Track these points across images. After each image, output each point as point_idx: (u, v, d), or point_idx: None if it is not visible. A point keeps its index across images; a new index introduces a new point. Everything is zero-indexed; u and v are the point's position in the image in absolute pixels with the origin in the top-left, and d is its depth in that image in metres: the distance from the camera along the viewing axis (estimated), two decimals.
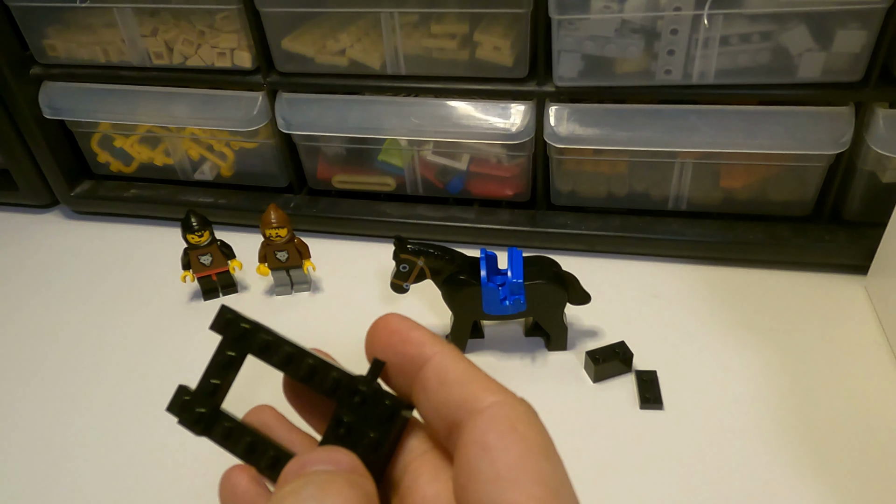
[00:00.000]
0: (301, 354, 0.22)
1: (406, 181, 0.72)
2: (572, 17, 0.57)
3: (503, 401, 0.20)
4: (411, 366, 0.22)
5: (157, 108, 0.71)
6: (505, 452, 0.18)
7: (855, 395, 0.52)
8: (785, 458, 0.48)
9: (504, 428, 0.19)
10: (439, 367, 0.21)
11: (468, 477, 0.19)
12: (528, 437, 0.19)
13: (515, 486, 0.18)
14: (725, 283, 0.64)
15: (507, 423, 0.19)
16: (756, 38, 0.56)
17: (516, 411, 0.20)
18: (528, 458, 0.18)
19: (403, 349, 0.22)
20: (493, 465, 0.18)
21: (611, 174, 0.67)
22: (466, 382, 0.21)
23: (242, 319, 0.23)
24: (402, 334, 0.22)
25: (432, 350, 0.22)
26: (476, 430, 0.19)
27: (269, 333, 0.23)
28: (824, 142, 0.59)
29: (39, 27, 0.70)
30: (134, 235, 0.77)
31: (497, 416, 0.19)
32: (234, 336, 0.23)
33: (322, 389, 0.22)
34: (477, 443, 0.19)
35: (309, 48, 0.65)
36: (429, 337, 0.22)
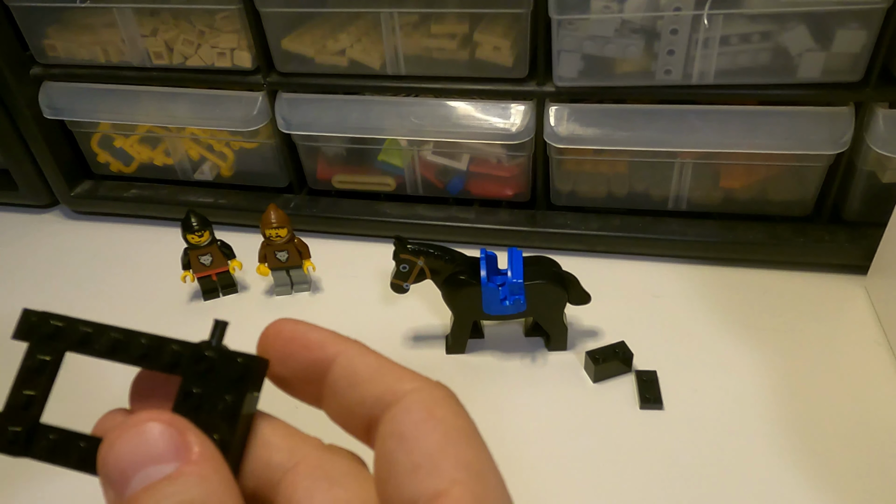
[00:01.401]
0: (130, 336, 0.20)
1: (406, 181, 0.72)
2: (572, 17, 0.57)
3: (419, 388, 0.19)
4: (316, 372, 0.20)
5: (157, 108, 0.71)
6: (422, 440, 0.18)
7: (855, 394, 0.52)
8: (785, 458, 0.48)
9: (420, 416, 0.18)
10: (346, 367, 0.20)
11: (387, 471, 0.18)
12: (446, 422, 0.18)
13: (436, 472, 0.17)
14: (725, 283, 0.64)
15: (423, 411, 0.18)
16: (756, 38, 0.56)
17: (433, 396, 0.19)
18: (448, 443, 0.18)
19: (304, 355, 0.20)
20: (410, 455, 0.17)
21: (611, 174, 0.67)
22: (378, 377, 0.19)
23: (52, 317, 0.20)
24: (299, 340, 0.21)
25: (335, 349, 0.20)
26: (391, 422, 0.18)
27: (88, 325, 0.20)
28: (824, 142, 0.59)
29: (39, 27, 0.70)
30: (134, 235, 0.77)
31: (412, 405, 0.18)
32: (44, 336, 0.20)
33: (162, 366, 0.19)
34: (393, 434, 0.18)
35: (309, 48, 0.65)
36: (329, 336, 0.21)
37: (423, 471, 0.17)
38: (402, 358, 0.63)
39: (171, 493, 0.17)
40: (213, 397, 0.19)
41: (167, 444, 0.18)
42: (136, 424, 0.18)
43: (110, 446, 0.18)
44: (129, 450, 0.18)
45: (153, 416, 0.18)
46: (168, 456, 0.18)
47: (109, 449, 0.18)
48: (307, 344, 0.21)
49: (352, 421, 0.20)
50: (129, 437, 0.18)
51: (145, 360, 0.20)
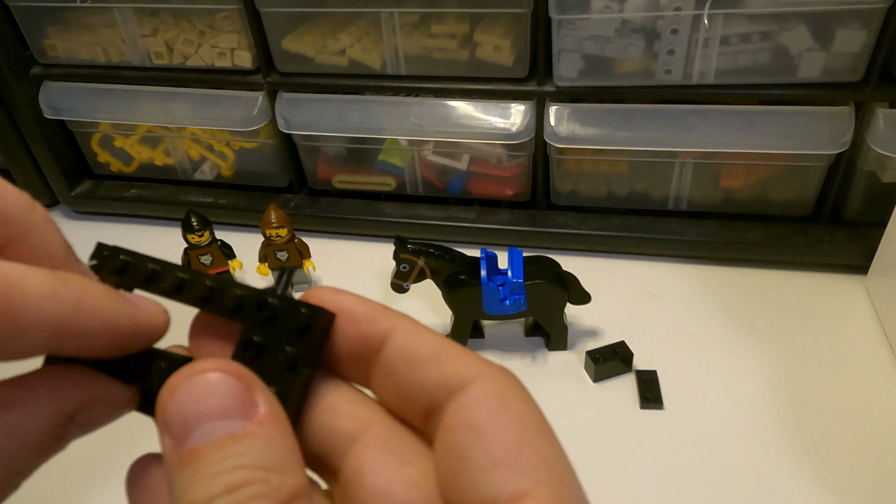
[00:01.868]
0: (195, 277, 0.19)
1: (406, 181, 0.72)
2: (572, 17, 0.57)
3: (487, 374, 0.17)
4: (367, 349, 0.18)
5: (157, 108, 0.71)
6: (500, 434, 0.16)
7: (855, 394, 0.52)
8: (785, 458, 0.48)
9: (495, 406, 0.17)
10: (404, 345, 0.18)
11: (459, 465, 0.16)
12: (522, 414, 0.17)
13: (518, 471, 0.16)
14: (725, 283, 0.64)
15: (497, 401, 0.17)
16: (756, 38, 0.56)
17: (505, 384, 0.17)
18: (527, 438, 0.16)
19: (353, 331, 0.19)
20: (487, 450, 0.16)
21: (611, 174, 0.67)
22: (440, 359, 0.18)
23: (123, 252, 0.20)
24: (346, 313, 0.19)
25: (388, 324, 0.18)
26: (462, 412, 0.17)
27: (156, 262, 0.20)
28: (824, 142, 0.59)
29: (40, 27, 0.70)
30: (134, 235, 0.77)
31: (484, 393, 0.17)
32: (113, 270, 0.20)
33: (224, 309, 0.19)
34: (465, 426, 0.17)
35: (309, 48, 0.65)
36: (378, 309, 0.19)
37: (504, 468, 0.16)
38: None
39: (236, 454, 0.16)
40: (275, 348, 0.18)
41: (234, 398, 0.17)
42: (202, 372, 0.17)
43: (172, 392, 0.17)
44: (192, 399, 0.17)
45: (220, 366, 0.17)
46: (234, 412, 0.16)
47: (171, 394, 0.17)
48: (356, 317, 0.19)
49: (408, 404, 0.18)
50: (194, 385, 0.17)
51: (208, 302, 0.19)
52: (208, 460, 0.16)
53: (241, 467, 0.16)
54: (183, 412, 0.16)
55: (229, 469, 0.16)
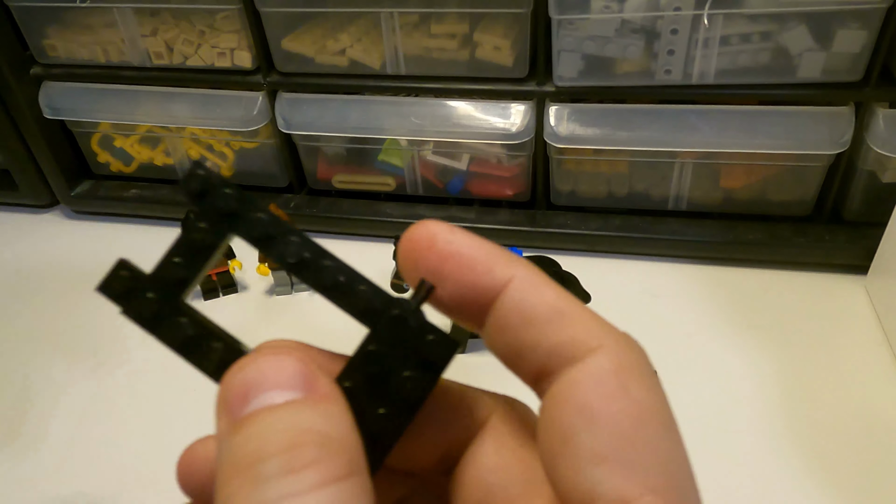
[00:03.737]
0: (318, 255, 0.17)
1: (406, 181, 0.72)
2: (572, 17, 0.57)
3: (610, 347, 0.15)
4: (481, 298, 0.17)
5: (157, 108, 0.71)
6: (612, 423, 0.14)
7: (855, 394, 0.52)
8: (785, 458, 0.48)
9: (612, 388, 0.15)
10: (520, 301, 0.16)
11: (562, 449, 0.15)
12: (642, 403, 0.15)
13: (627, 472, 0.14)
14: (725, 283, 0.64)
15: (615, 381, 0.15)
16: (756, 38, 0.56)
17: (628, 362, 0.15)
18: (643, 432, 0.14)
19: (467, 278, 0.17)
20: (596, 439, 0.14)
21: (611, 174, 0.67)
22: (559, 321, 0.16)
23: (227, 185, 0.17)
24: (459, 258, 0.17)
25: (506, 274, 0.16)
26: (575, 389, 0.15)
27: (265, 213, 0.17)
28: (824, 142, 0.59)
29: (39, 27, 0.70)
30: (134, 235, 0.77)
31: (602, 371, 0.15)
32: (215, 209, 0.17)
33: (352, 306, 0.17)
34: (576, 405, 0.15)
35: (309, 48, 0.65)
36: (496, 255, 0.17)
37: (611, 464, 0.14)
38: None
39: (294, 414, 0.15)
40: (397, 372, 0.16)
41: (296, 374, 0.15)
42: (269, 352, 0.16)
43: (237, 370, 0.16)
44: (254, 374, 0.15)
45: (284, 349, 0.16)
46: (295, 384, 0.15)
47: (236, 373, 0.16)
48: (470, 264, 0.17)
49: (519, 363, 0.17)
50: (259, 362, 0.16)
51: (335, 290, 0.17)
52: (264, 421, 0.15)
53: (300, 429, 0.14)
54: (244, 386, 0.15)
55: (287, 428, 0.14)
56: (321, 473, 0.14)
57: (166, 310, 0.17)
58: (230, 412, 0.15)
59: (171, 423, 0.54)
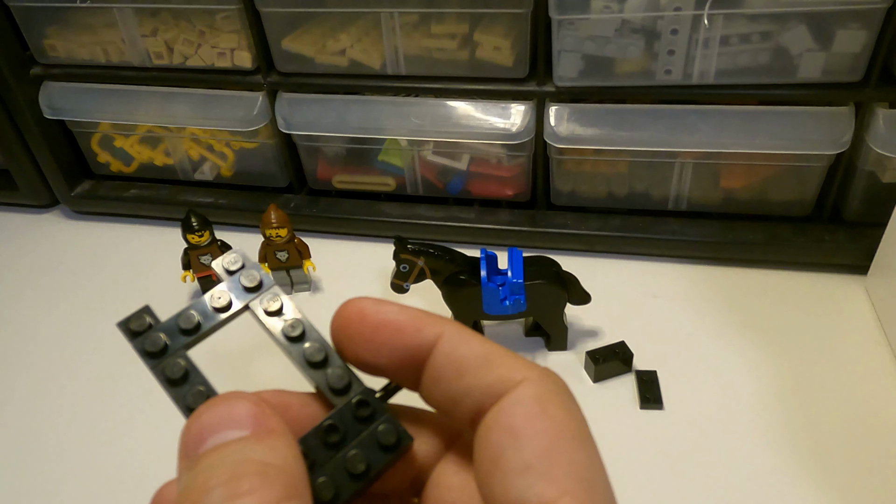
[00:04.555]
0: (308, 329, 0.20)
1: (406, 181, 0.72)
2: (572, 17, 0.57)
3: (533, 379, 0.18)
4: (414, 358, 0.19)
5: (157, 108, 0.71)
6: (534, 439, 0.16)
7: (855, 394, 0.52)
8: (785, 458, 0.48)
9: (533, 410, 0.17)
10: (450, 354, 0.18)
11: (493, 465, 0.17)
12: (560, 421, 0.17)
13: (547, 478, 0.16)
14: (725, 283, 0.64)
15: (536, 405, 0.17)
16: (756, 38, 0.56)
17: (547, 390, 0.17)
18: (561, 445, 0.16)
19: (399, 342, 0.19)
20: (520, 454, 0.16)
21: (611, 174, 0.67)
22: (487, 366, 0.18)
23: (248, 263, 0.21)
24: (390, 325, 0.19)
25: (434, 332, 0.18)
26: (501, 414, 0.17)
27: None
28: (824, 142, 0.59)
29: (39, 27, 0.70)
30: (134, 235, 0.77)
31: (525, 397, 0.17)
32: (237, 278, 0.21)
33: (328, 385, 0.19)
34: (503, 427, 0.17)
35: (309, 48, 0.65)
36: (422, 317, 0.19)
37: (534, 473, 0.16)
38: None
39: (238, 450, 0.16)
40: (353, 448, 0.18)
41: (246, 415, 0.17)
42: (225, 398, 0.18)
43: (195, 416, 0.17)
44: (208, 417, 0.17)
45: (243, 396, 0.18)
46: (244, 423, 0.17)
47: (194, 419, 0.17)
48: (400, 328, 0.19)
49: (456, 409, 0.18)
50: (213, 406, 0.17)
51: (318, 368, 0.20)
52: (212, 457, 0.16)
53: (242, 461, 0.16)
54: (199, 429, 0.17)
55: (231, 461, 0.16)
56: (260, 499, 0.15)
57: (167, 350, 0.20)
58: (187, 454, 0.17)
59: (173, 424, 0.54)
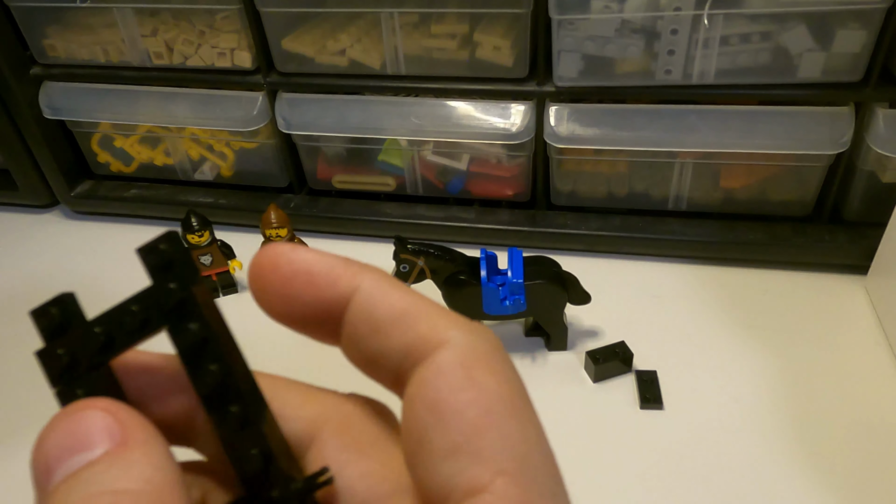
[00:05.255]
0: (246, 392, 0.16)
1: (406, 181, 0.72)
2: (572, 17, 0.57)
3: (457, 340, 0.15)
4: (330, 313, 0.16)
5: (157, 108, 0.71)
6: (460, 414, 0.14)
7: (855, 394, 0.52)
8: (785, 458, 0.48)
9: (457, 380, 0.15)
10: (367, 308, 0.16)
11: (418, 445, 0.15)
12: (490, 389, 0.15)
13: (477, 459, 0.14)
14: (725, 283, 0.64)
15: (461, 374, 0.15)
16: (756, 38, 0.56)
17: (474, 351, 0.15)
18: (491, 419, 0.14)
19: (313, 294, 0.16)
20: (446, 433, 0.14)
21: (611, 174, 0.67)
22: (405, 322, 0.16)
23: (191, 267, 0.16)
24: (302, 276, 0.16)
25: (351, 284, 0.16)
26: (422, 385, 0.15)
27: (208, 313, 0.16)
28: (824, 142, 0.59)
29: (39, 27, 0.70)
30: (134, 235, 0.77)
31: (447, 365, 0.15)
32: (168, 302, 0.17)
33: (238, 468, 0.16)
34: (424, 402, 0.15)
35: (309, 48, 0.65)
36: (339, 265, 0.16)
37: (462, 455, 0.14)
38: None
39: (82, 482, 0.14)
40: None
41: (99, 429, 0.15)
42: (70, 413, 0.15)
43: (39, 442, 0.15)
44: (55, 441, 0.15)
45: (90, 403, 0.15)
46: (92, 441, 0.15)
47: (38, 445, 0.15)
48: (313, 279, 0.16)
49: (377, 371, 0.16)
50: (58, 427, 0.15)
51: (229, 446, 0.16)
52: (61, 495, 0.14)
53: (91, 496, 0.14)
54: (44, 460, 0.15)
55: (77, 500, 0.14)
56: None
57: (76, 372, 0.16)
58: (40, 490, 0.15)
59: None
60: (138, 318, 0.17)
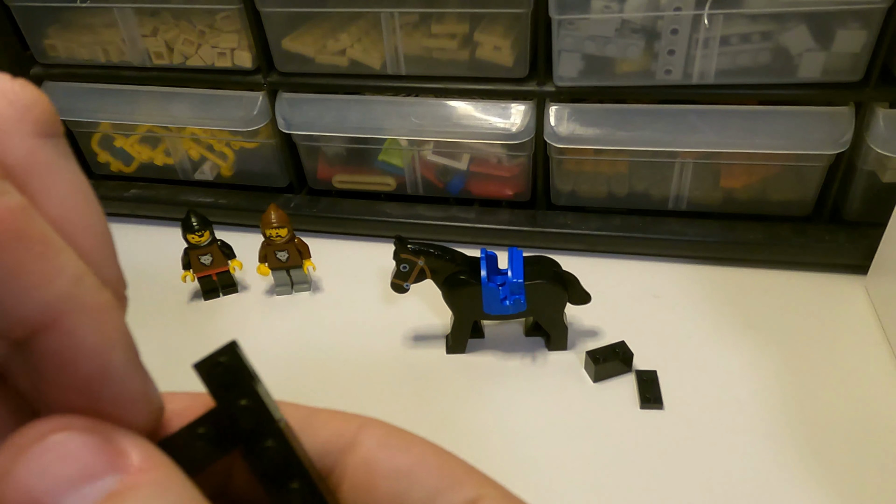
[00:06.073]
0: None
1: (406, 181, 0.72)
2: (572, 17, 0.57)
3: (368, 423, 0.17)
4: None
5: (157, 108, 0.71)
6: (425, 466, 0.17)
7: (855, 394, 0.52)
8: (785, 458, 0.48)
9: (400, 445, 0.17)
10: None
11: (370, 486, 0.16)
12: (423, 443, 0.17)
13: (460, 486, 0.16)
14: (725, 283, 0.64)
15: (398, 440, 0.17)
16: (756, 38, 0.56)
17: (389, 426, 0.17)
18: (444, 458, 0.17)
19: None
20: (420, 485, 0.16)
21: (611, 174, 0.67)
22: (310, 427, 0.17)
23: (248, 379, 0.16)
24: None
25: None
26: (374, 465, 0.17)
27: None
28: (824, 142, 0.59)
29: (40, 27, 0.70)
30: (134, 235, 0.77)
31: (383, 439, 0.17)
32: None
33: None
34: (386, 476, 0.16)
35: (309, 48, 0.65)
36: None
37: (447, 491, 0.16)
38: (402, 358, 0.63)
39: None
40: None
41: (94, 454, 0.13)
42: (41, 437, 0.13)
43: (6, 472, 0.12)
44: (38, 472, 0.12)
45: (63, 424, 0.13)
46: (101, 469, 0.13)
47: (5, 475, 0.12)
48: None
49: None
50: (36, 456, 0.12)
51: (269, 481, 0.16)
52: None
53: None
54: (32, 491, 0.12)
55: None
56: None
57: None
58: None
59: None
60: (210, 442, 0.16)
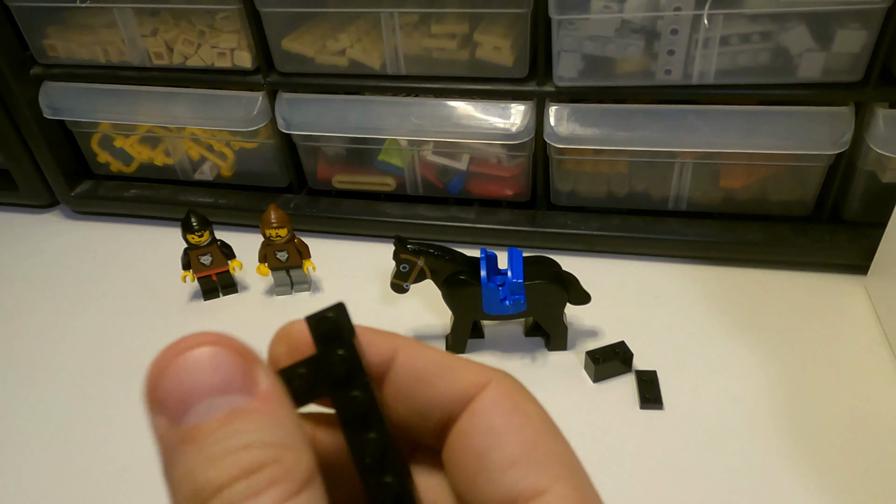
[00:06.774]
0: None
1: (406, 181, 0.72)
2: (572, 17, 0.57)
3: (497, 379, 0.18)
4: (372, 376, 0.18)
5: (157, 108, 0.71)
6: (516, 434, 0.17)
7: (855, 394, 0.52)
8: (785, 458, 0.48)
9: (508, 407, 0.17)
10: (411, 365, 0.18)
11: (478, 467, 0.17)
12: (535, 415, 0.18)
13: (536, 468, 0.16)
14: (725, 283, 0.64)
15: (510, 402, 0.18)
16: (756, 38, 0.56)
17: (513, 387, 0.18)
18: (542, 436, 0.17)
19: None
20: (505, 449, 0.17)
21: (611, 174, 0.67)
22: (448, 372, 0.18)
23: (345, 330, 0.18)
24: None
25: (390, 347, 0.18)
26: (478, 416, 0.17)
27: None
28: (824, 142, 0.59)
29: (39, 27, 0.70)
30: (134, 235, 0.77)
31: (498, 397, 0.18)
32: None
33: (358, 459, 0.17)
34: (481, 428, 0.17)
35: (309, 48, 0.65)
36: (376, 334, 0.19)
37: (523, 466, 0.16)
38: None
39: (244, 431, 0.15)
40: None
41: (233, 372, 0.15)
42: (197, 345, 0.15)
43: (164, 368, 0.15)
44: (188, 374, 0.15)
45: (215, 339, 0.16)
46: (235, 386, 0.15)
47: (163, 371, 0.15)
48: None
49: (423, 422, 0.19)
50: (188, 360, 0.15)
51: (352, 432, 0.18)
52: (214, 438, 0.15)
53: (252, 446, 0.15)
54: (180, 387, 0.15)
55: (239, 447, 0.15)
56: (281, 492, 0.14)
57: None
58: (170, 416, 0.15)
59: None
60: (307, 382, 0.18)
